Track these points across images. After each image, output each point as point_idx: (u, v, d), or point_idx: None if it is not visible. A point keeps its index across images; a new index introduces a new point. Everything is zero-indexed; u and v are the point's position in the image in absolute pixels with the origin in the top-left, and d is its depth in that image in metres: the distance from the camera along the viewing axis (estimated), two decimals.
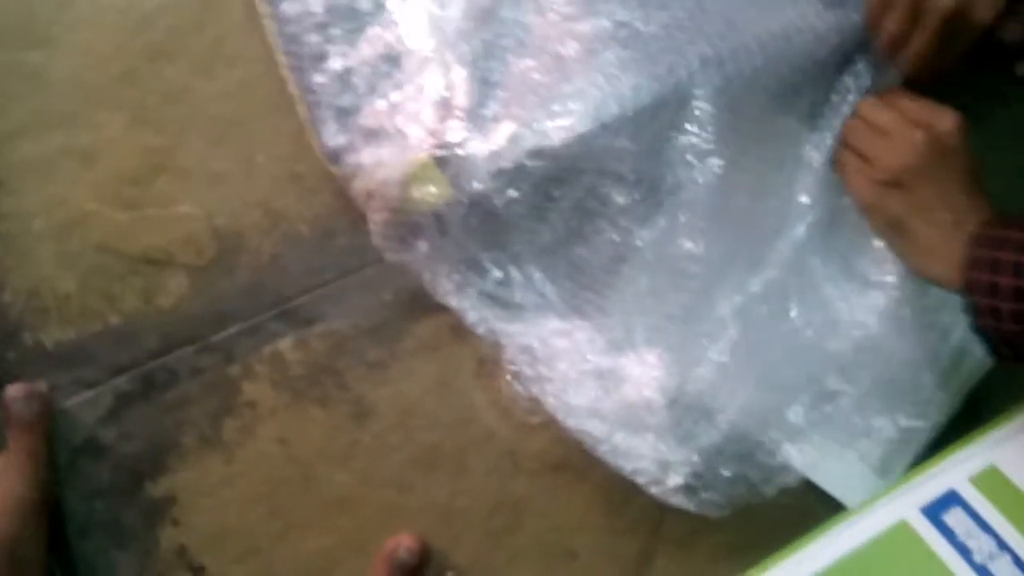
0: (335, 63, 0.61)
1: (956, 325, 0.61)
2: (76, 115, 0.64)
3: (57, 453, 0.62)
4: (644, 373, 0.57)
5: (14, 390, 0.62)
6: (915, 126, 0.57)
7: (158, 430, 0.63)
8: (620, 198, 0.60)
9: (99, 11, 0.63)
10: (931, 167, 0.56)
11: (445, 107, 0.59)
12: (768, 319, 0.61)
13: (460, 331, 0.65)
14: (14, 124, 0.63)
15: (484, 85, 0.61)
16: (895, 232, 0.58)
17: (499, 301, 0.63)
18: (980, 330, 0.52)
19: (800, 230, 0.63)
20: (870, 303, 0.62)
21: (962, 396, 0.62)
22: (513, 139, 0.58)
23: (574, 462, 0.64)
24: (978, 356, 0.60)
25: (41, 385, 0.63)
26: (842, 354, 0.60)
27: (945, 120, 0.57)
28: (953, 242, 0.53)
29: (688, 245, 0.59)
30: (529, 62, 0.58)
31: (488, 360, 0.64)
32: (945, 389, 0.60)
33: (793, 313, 0.62)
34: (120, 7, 0.63)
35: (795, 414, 0.60)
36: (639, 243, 0.61)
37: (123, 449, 0.63)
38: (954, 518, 0.53)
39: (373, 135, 0.61)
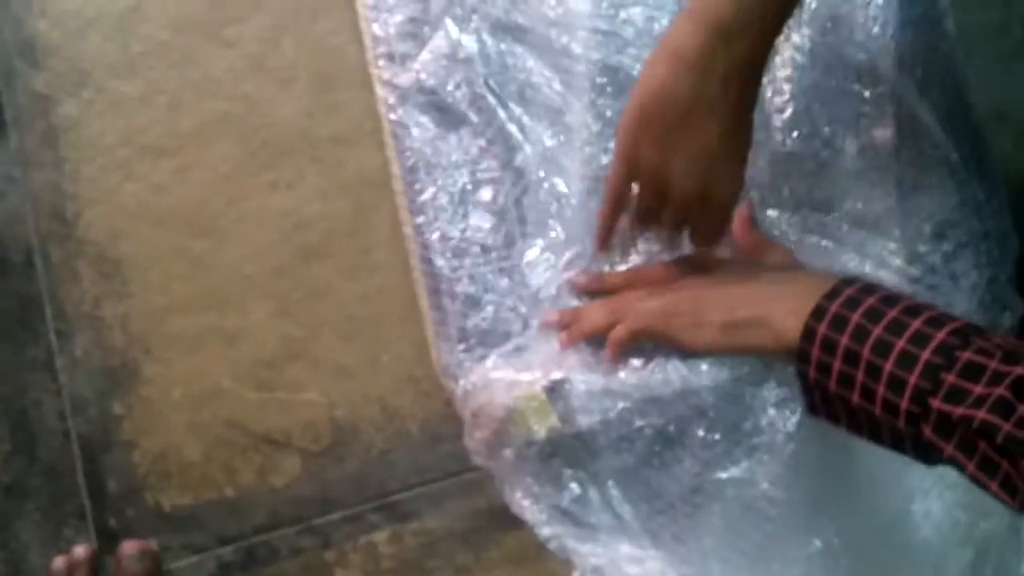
0: (464, 288, 0.67)
1: None
2: (228, 300, 0.70)
3: None
4: None
5: (129, 547, 0.66)
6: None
7: None
8: (700, 432, 0.63)
9: (264, 211, 0.71)
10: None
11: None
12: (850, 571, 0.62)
13: (546, 548, 0.67)
14: (172, 300, 0.70)
15: None
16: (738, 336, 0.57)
17: (573, 518, 0.65)
18: (804, 380, 0.53)
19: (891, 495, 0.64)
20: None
21: None
22: (618, 379, 0.63)
23: None
24: None
25: (153, 544, 0.68)
26: None
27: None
28: (801, 300, 0.53)
29: (768, 488, 0.61)
30: None
31: None
32: None
33: (880, 565, 0.63)
34: (283, 209, 0.71)
35: None
36: (718, 478, 0.64)
37: None
38: None
39: (490, 359, 0.66)
